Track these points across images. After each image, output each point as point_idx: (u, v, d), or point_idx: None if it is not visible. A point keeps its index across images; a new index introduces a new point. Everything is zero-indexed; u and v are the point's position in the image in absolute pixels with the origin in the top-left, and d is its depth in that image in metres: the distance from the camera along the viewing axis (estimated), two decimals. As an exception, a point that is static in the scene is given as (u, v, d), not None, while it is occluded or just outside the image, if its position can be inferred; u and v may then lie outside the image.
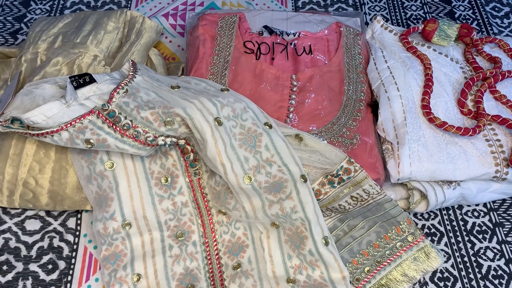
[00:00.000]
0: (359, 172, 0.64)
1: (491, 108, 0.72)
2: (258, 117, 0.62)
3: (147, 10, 0.95)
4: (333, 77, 0.75)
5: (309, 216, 0.58)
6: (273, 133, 0.61)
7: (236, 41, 0.77)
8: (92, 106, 0.58)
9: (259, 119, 0.62)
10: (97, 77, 0.61)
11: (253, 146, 0.60)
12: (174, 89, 0.62)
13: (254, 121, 0.61)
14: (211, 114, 0.58)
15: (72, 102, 0.58)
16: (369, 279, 0.61)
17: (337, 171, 0.64)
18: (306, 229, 0.58)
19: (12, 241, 0.65)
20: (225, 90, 0.64)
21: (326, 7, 0.98)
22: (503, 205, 0.73)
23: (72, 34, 0.74)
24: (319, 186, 0.65)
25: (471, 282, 0.65)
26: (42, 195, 0.64)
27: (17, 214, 0.67)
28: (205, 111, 0.58)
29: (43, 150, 0.63)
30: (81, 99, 0.59)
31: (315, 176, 0.65)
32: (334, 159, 0.64)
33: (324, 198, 0.66)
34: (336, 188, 0.66)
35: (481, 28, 0.96)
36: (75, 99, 0.58)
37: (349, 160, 0.64)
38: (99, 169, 0.60)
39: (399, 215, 0.65)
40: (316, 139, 0.65)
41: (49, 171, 0.63)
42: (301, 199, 0.58)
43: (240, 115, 0.61)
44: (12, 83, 0.66)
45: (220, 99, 0.60)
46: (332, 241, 0.59)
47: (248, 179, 0.58)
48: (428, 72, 0.73)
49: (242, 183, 0.57)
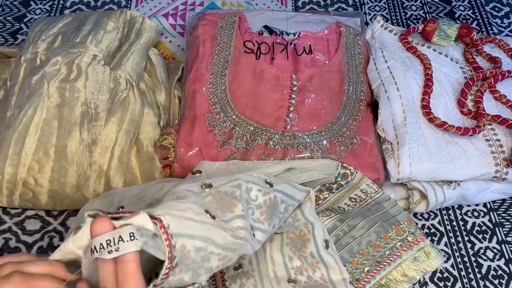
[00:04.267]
0: (355, 174, 0.64)
1: (491, 108, 0.72)
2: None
3: (147, 10, 0.95)
4: (333, 77, 0.75)
5: (312, 219, 0.58)
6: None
7: (236, 41, 0.77)
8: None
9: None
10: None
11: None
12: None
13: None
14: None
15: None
16: (369, 279, 0.61)
17: (335, 178, 0.64)
18: (309, 232, 0.58)
19: (12, 241, 0.65)
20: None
21: (326, 7, 0.98)
22: (503, 205, 0.73)
23: (72, 34, 0.74)
24: (317, 192, 0.65)
25: (471, 282, 0.65)
26: (41, 194, 0.64)
27: (17, 214, 0.67)
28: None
29: (42, 149, 0.63)
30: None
31: (314, 184, 0.64)
32: (328, 170, 0.64)
33: (323, 203, 0.66)
34: (335, 193, 0.66)
35: (481, 28, 0.96)
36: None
37: (341, 165, 0.64)
38: None
39: (399, 214, 0.65)
40: (305, 161, 0.63)
41: (48, 171, 0.63)
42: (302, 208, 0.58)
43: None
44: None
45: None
46: (332, 244, 0.59)
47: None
48: (428, 72, 0.73)
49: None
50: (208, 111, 0.69)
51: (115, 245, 0.37)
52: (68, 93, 0.67)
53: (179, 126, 0.69)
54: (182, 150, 0.66)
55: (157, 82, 0.76)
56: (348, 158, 0.66)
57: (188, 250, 0.43)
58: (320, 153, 0.66)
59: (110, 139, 0.66)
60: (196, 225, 0.45)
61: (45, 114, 0.65)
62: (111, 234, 0.38)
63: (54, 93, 0.67)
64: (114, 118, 0.66)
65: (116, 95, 0.68)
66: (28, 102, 0.65)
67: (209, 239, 0.45)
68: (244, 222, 0.50)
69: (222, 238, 0.47)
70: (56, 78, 0.67)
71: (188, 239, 0.43)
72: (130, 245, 0.37)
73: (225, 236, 0.47)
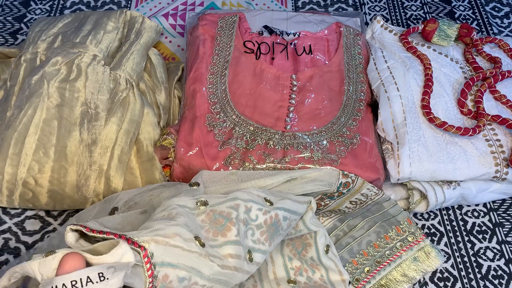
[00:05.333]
0: (356, 181, 0.63)
1: (491, 108, 0.72)
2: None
3: (147, 10, 0.95)
4: (333, 77, 0.75)
5: (314, 228, 0.58)
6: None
7: (236, 41, 0.77)
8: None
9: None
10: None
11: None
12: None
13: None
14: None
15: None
16: (369, 279, 0.61)
17: (337, 188, 0.63)
18: (311, 237, 0.58)
19: (12, 241, 0.65)
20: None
21: (326, 7, 0.98)
22: (503, 205, 0.73)
23: (72, 34, 0.74)
24: (318, 200, 0.64)
25: (471, 282, 0.65)
26: (41, 194, 0.64)
27: (17, 214, 0.67)
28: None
29: (42, 149, 0.63)
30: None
31: (315, 194, 0.63)
32: (329, 179, 0.62)
33: (324, 209, 0.66)
34: (336, 200, 0.65)
35: (481, 28, 0.96)
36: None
37: (343, 173, 0.63)
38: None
39: (399, 214, 0.65)
40: (306, 170, 0.62)
41: (48, 171, 0.63)
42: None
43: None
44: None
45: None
46: (333, 247, 0.59)
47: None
48: (428, 72, 0.73)
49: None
50: (208, 111, 0.69)
51: (82, 287, 0.35)
52: (68, 93, 0.67)
53: (179, 126, 0.69)
54: (182, 150, 0.66)
55: (157, 82, 0.76)
56: (348, 158, 0.66)
57: (170, 280, 0.41)
58: (320, 153, 0.66)
59: (110, 139, 0.66)
60: (182, 253, 0.43)
61: (45, 114, 0.65)
62: (78, 274, 0.35)
63: (54, 93, 0.67)
64: (114, 118, 0.66)
65: (116, 95, 0.68)
66: (28, 102, 0.65)
67: (194, 269, 0.43)
68: (236, 248, 0.48)
69: (209, 269, 0.45)
70: (56, 78, 0.67)
71: (171, 268, 0.41)
72: (99, 286, 0.35)
73: (212, 267, 0.45)
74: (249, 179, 0.59)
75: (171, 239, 0.42)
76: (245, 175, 0.60)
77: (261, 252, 0.51)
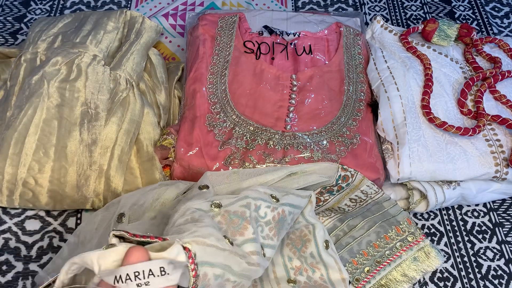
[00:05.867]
0: (355, 176, 0.64)
1: (491, 108, 0.72)
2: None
3: (147, 10, 0.95)
4: (333, 77, 0.75)
5: (312, 220, 0.58)
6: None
7: (236, 41, 0.77)
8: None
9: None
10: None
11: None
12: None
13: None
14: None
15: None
16: (369, 279, 0.61)
17: (336, 181, 0.64)
18: (309, 232, 0.58)
19: (12, 241, 0.65)
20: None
21: (326, 7, 0.98)
22: (503, 205, 0.73)
23: (72, 34, 0.74)
24: (318, 195, 0.65)
25: (471, 282, 0.65)
26: (41, 194, 0.64)
27: (17, 214, 0.67)
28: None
29: (42, 149, 0.63)
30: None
31: (314, 187, 0.64)
32: (328, 173, 0.63)
33: (323, 205, 0.66)
34: (335, 195, 0.65)
35: (481, 28, 0.96)
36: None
37: (342, 167, 0.64)
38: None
39: (399, 214, 0.65)
40: (306, 165, 0.62)
41: (48, 171, 0.63)
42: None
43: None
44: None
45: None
46: (332, 245, 0.59)
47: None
48: (428, 72, 0.73)
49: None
50: (208, 111, 0.69)
51: (144, 278, 0.35)
52: (68, 93, 0.67)
53: (179, 126, 0.69)
54: (182, 150, 0.66)
55: (157, 82, 0.76)
56: (348, 158, 0.66)
57: (208, 278, 0.42)
58: (320, 153, 0.66)
59: (110, 139, 0.66)
60: (217, 252, 0.44)
61: (45, 114, 0.65)
62: (142, 266, 0.35)
63: (54, 93, 0.67)
64: (114, 118, 0.67)
65: (116, 95, 0.68)
66: (28, 102, 0.65)
67: (227, 266, 0.45)
68: (255, 245, 0.49)
69: (238, 265, 0.46)
70: (56, 78, 0.67)
71: (210, 267, 0.42)
72: (160, 280, 0.35)
73: (240, 263, 0.46)
74: (250, 176, 0.59)
75: (207, 239, 0.43)
76: (246, 173, 0.60)
77: (270, 247, 0.52)
